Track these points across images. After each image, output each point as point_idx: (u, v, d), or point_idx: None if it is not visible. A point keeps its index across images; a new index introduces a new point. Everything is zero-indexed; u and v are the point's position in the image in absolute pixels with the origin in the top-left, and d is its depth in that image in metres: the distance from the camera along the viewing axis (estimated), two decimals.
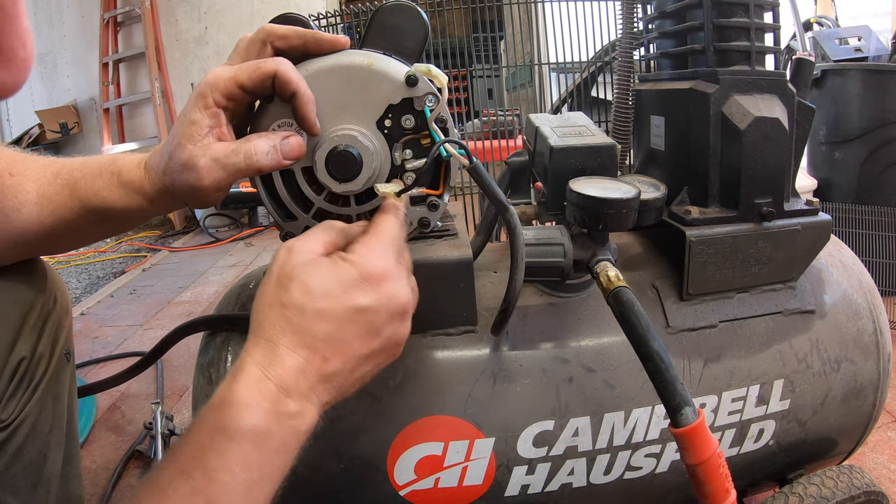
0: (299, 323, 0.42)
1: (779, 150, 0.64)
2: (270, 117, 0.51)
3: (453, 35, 2.22)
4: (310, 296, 0.43)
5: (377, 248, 0.46)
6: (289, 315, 0.42)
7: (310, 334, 0.42)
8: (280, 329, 0.42)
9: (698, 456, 0.46)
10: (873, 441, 1.09)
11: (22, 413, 0.62)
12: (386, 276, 0.45)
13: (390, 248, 0.46)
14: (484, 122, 2.14)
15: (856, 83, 1.71)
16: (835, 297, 0.71)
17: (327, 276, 0.43)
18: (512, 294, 0.50)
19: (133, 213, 0.54)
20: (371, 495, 0.62)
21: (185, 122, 0.48)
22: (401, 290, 0.45)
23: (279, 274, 0.44)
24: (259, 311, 0.44)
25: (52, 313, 0.66)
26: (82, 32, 3.91)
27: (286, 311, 0.43)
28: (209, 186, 0.48)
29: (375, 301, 0.44)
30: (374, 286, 0.44)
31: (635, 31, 0.92)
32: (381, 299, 0.44)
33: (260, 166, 0.48)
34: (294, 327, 0.42)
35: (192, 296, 2.28)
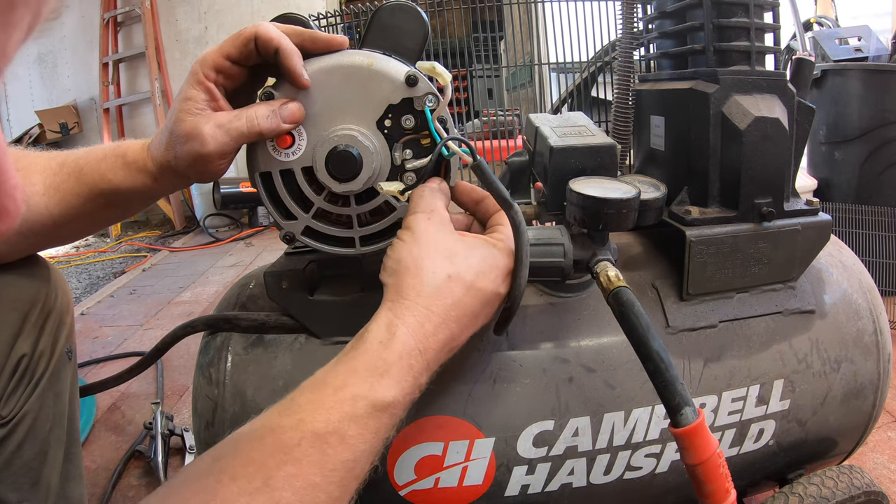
0: (461, 298, 0.44)
1: (779, 150, 0.64)
2: None
3: (453, 35, 2.22)
4: (476, 274, 0.45)
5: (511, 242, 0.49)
6: (454, 288, 0.44)
7: (465, 309, 0.45)
8: (445, 302, 0.44)
9: (698, 456, 0.46)
10: (873, 441, 1.09)
11: (22, 410, 0.62)
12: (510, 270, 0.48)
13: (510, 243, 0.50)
14: (484, 122, 2.14)
15: (856, 83, 1.71)
16: (835, 297, 0.71)
17: (489, 259, 0.46)
18: (516, 292, 0.50)
19: (138, 192, 0.55)
20: (371, 495, 0.62)
21: (181, 99, 0.50)
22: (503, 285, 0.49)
23: (438, 244, 0.46)
24: (416, 278, 0.45)
25: (53, 311, 0.67)
26: (82, 32, 3.91)
27: (452, 283, 0.44)
28: (213, 152, 0.49)
29: (505, 291, 0.48)
30: (507, 278, 0.48)
31: (635, 31, 0.92)
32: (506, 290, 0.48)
33: (261, 129, 0.49)
34: (456, 301, 0.44)
35: (192, 296, 2.28)
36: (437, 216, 0.48)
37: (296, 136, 0.52)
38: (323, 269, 0.63)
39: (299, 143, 0.52)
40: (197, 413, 0.64)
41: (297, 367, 0.63)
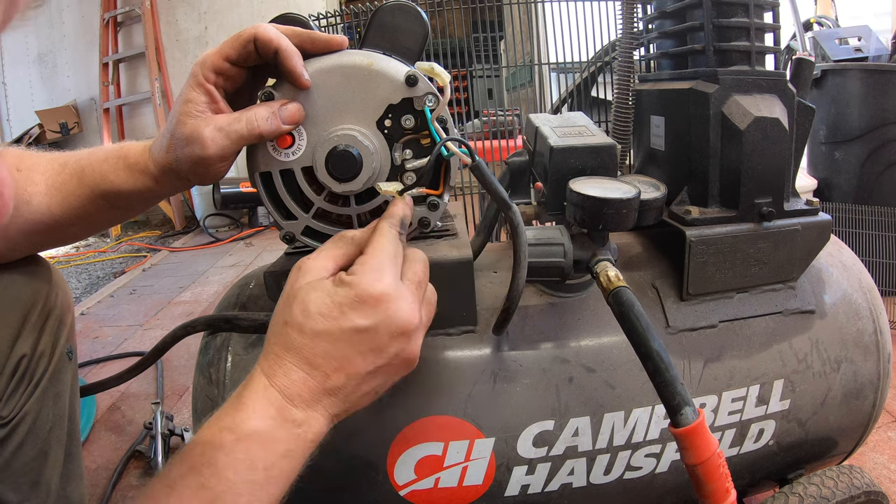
0: (300, 341, 0.44)
1: (779, 150, 0.64)
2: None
3: (453, 35, 2.22)
4: (308, 317, 0.44)
5: (374, 267, 0.46)
6: (290, 333, 0.44)
7: (310, 352, 0.44)
8: (284, 345, 0.44)
9: (698, 456, 0.46)
10: (873, 441, 1.09)
11: (22, 411, 0.62)
12: (384, 297, 0.44)
13: (388, 266, 0.46)
14: (484, 122, 2.14)
15: (856, 83, 1.71)
16: (835, 297, 0.71)
17: (324, 298, 0.44)
18: (514, 293, 0.50)
19: (140, 194, 0.55)
20: (371, 495, 0.62)
21: (182, 101, 0.50)
22: (401, 310, 0.45)
23: (287, 292, 0.47)
24: (270, 326, 0.47)
25: (53, 311, 0.67)
26: (82, 32, 3.91)
27: (288, 329, 0.44)
28: (214, 155, 0.49)
29: (374, 322, 0.44)
30: (372, 307, 0.44)
31: (635, 31, 0.92)
32: (380, 320, 0.44)
33: (261, 131, 0.49)
34: (296, 345, 0.44)
35: (192, 296, 2.28)
36: (307, 264, 0.48)
37: (296, 136, 0.52)
38: None
39: (299, 143, 0.52)
40: (197, 413, 0.64)
41: None
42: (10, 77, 4.07)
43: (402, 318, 0.45)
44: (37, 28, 4.01)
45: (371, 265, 0.46)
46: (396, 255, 0.48)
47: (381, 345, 0.45)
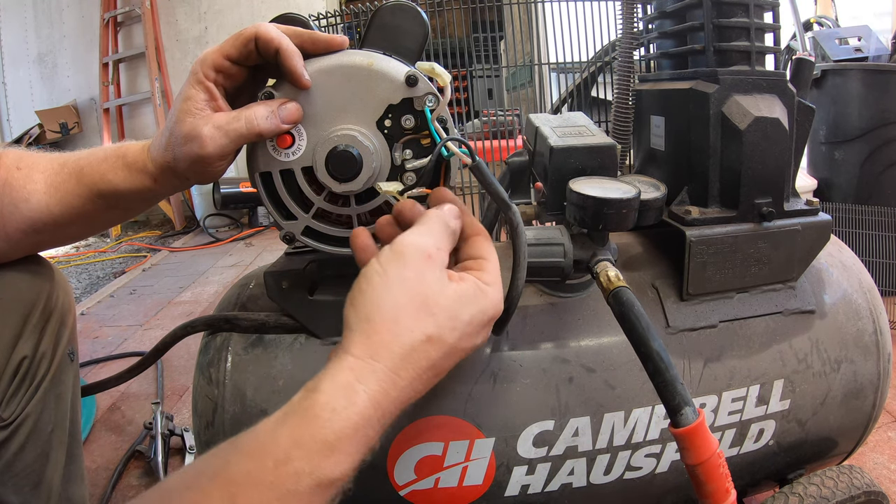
0: (437, 361, 0.39)
1: (779, 150, 0.64)
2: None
3: (453, 35, 2.22)
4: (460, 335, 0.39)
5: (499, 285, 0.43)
6: (432, 352, 0.39)
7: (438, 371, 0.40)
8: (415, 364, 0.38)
9: (698, 456, 0.46)
10: (873, 441, 1.08)
11: (23, 412, 0.62)
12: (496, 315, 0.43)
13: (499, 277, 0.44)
14: (484, 122, 2.14)
15: (856, 83, 1.71)
16: (835, 297, 0.71)
17: (476, 315, 0.40)
18: (514, 293, 0.50)
19: (138, 194, 0.55)
20: (371, 495, 0.62)
21: (181, 99, 0.49)
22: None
23: (424, 294, 0.39)
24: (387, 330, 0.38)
25: (54, 312, 0.67)
26: (82, 32, 3.91)
27: (431, 346, 0.39)
28: (213, 154, 0.49)
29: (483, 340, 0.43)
30: (488, 325, 0.43)
31: (635, 31, 0.92)
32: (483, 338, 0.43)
33: (260, 130, 0.49)
34: (431, 364, 0.39)
35: (192, 296, 2.28)
36: (438, 260, 0.41)
37: (296, 135, 0.52)
38: (323, 269, 0.63)
39: (299, 143, 0.52)
40: (197, 413, 0.65)
41: (297, 367, 0.63)
42: (10, 77, 4.07)
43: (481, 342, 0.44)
44: (37, 28, 4.01)
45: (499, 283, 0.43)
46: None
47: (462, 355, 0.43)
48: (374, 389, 0.37)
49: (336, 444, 0.36)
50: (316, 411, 0.36)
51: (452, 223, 0.44)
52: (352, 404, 0.36)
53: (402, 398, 0.38)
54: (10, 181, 0.56)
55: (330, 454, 0.35)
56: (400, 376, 0.38)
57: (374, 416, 0.37)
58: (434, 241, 0.42)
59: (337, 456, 0.35)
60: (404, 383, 0.38)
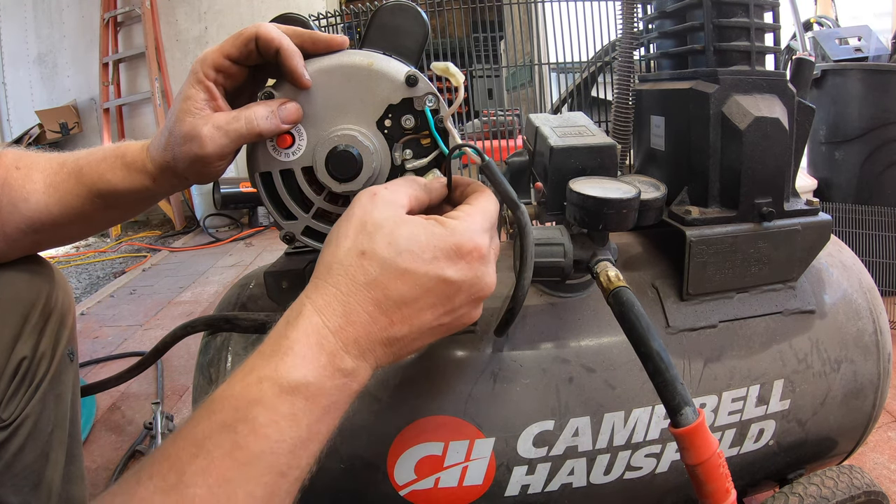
0: (376, 277, 0.39)
1: (779, 150, 0.64)
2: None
3: (453, 35, 2.22)
4: (397, 251, 0.39)
5: (478, 221, 0.42)
6: (367, 266, 0.39)
7: (384, 292, 0.39)
8: (353, 279, 0.39)
9: (698, 456, 0.46)
10: (873, 441, 1.08)
11: (23, 413, 0.62)
12: (480, 253, 0.41)
13: (488, 224, 0.43)
14: (484, 122, 2.14)
15: (856, 83, 1.71)
16: (835, 297, 0.71)
17: (420, 236, 0.40)
18: (520, 293, 0.50)
19: (137, 193, 0.55)
20: (371, 495, 0.62)
21: (181, 98, 0.49)
22: (488, 274, 0.43)
23: (363, 219, 0.41)
24: (331, 254, 0.41)
25: (53, 312, 0.67)
26: (82, 32, 3.91)
27: (365, 260, 0.39)
28: (212, 154, 0.49)
29: (463, 277, 0.41)
30: (466, 261, 0.41)
31: (635, 31, 0.92)
32: (469, 277, 0.41)
33: (260, 130, 0.49)
34: (370, 281, 0.39)
35: (192, 296, 2.28)
36: (382, 193, 0.43)
37: (296, 135, 0.52)
38: None
39: (299, 143, 0.52)
40: None
41: None
42: (10, 77, 4.07)
43: (486, 282, 0.42)
44: (37, 28, 4.01)
45: (474, 218, 0.42)
46: (495, 219, 0.45)
47: (457, 304, 0.42)
48: (317, 299, 0.39)
49: (289, 346, 0.38)
50: (274, 328, 0.39)
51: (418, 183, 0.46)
52: (298, 314, 0.39)
53: (352, 315, 0.39)
54: (8, 181, 0.56)
55: (284, 356, 0.37)
56: (339, 289, 0.39)
57: (321, 323, 0.39)
58: (387, 187, 0.44)
59: (291, 358, 0.37)
60: (345, 297, 0.39)
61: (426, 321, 0.41)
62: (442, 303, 0.41)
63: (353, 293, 0.39)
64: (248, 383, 0.37)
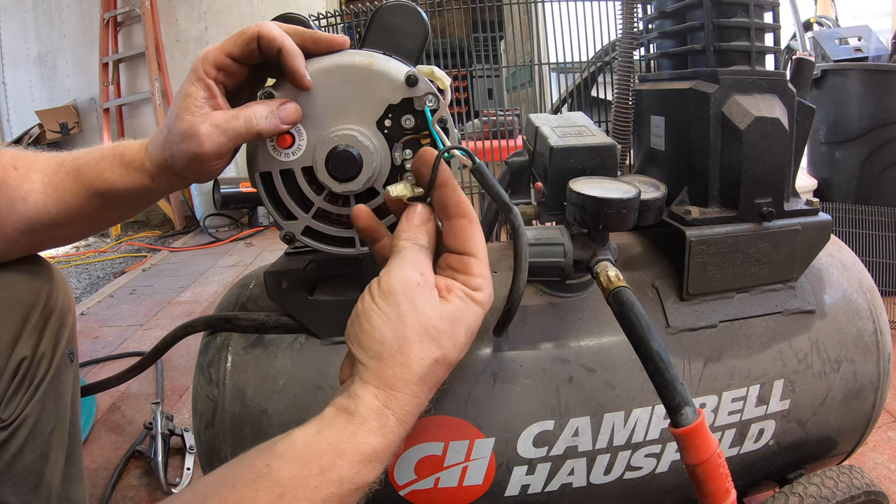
0: (444, 375, 0.44)
1: (779, 150, 0.64)
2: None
3: (453, 35, 2.22)
4: (460, 349, 0.44)
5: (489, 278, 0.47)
6: (440, 371, 0.43)
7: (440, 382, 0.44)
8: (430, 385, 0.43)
9: (698, 456, 0.46)
10: (873, 441, 1.09)
11: (23, 413, 0.62)
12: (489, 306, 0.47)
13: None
14: (484, 122, 2.14)
15: (856, 83, 1.71)
16: (835, 297, 0.71)
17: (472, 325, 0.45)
18: (515, 295, 0.50)
19: (136, 192, 0.55)
20: (371, 495, 0.62)
21: (181, 96, 0.49)
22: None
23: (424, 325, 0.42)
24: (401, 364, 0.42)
25: (53, 312, 0.66)
26: (82, 32, 3.91)
27: (438, 367, 0.43)
28: (210, 152, 0.49)
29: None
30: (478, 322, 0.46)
31: (635, 31, 0.92)
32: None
33: (259, 129, 0.48)
34: (440, 379, 0.44)
35: (192, 296, 2.28)
36: (426, 284, 0.44)
37: (296, 135, 0.51)
38: (323, 269, 0.63)
39: (299, 143, 0.52)
40: (197, 413, 0.64)
41: (297, 367, 0.63)
42: (10, 77, 4.07)
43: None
44: (37, 28, 4.01)
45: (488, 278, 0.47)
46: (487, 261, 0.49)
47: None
48: (401, 413, 0.42)
49: (374, 456, 0.41)
50: (354, 429, 0.41)
51: (422, 237, 0.46)
52: (384, 426, 0.41)
53: (419, 411, 0.44)
54: (6, 180, 0.55)
55: (368, 464, 0.41)
56: (419, 397, 0.43)
57: (401, 431, 0.43)
58: (414, 268, 0.44)
59: (374, 465, 0.41)
60: (421, 401, 0.43)
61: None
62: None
63: (428, 394, 0.43)
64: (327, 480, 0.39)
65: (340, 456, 0.40)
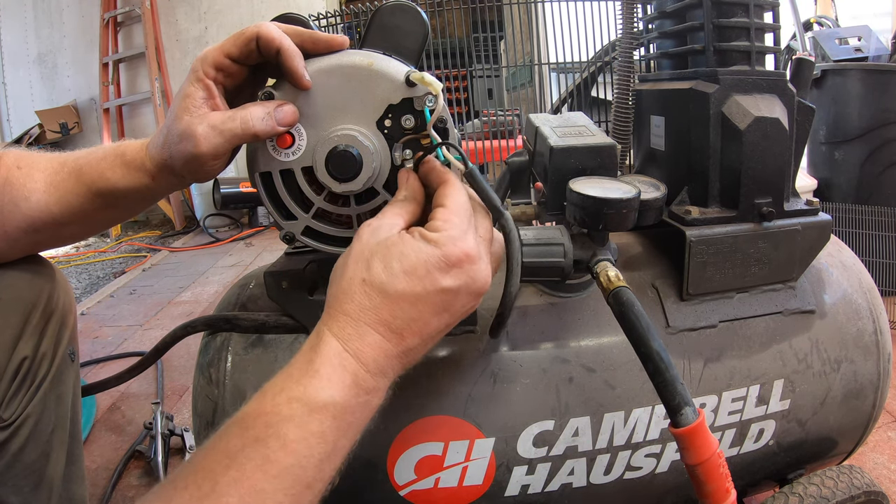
0: (380, 302, 0.42)
1: (779, 150, 0.64)
2: None
3: (453, 35, 2.22)
4: (392, 275, 0.42)
5: (457, 224, 0.44)
6: (370, 292, 0.42)
7: (390, 313, 0.42)
8: (360, 305, 0.42)
9: (698, 456, 0.46)
10: (873, 441, 1.09)
11: (24, 413, 0.62)
12: (469, 257, 0.44)
13: (467, 223, 0.45)
14: (484, 122, 2.14)
15: (856, 83, 1.71)
16: (835, 297, 0.71)
17: (411, 255, 0.43)
18: (508, 299, 0.50)
19: (137, 192, 0.55)
20: (371, 495, 0.62)
21: (180, 96, 0.49)
22: (481, 272, 0.45)
23: (359, 250, 0.44)
24: (337, 285, 0.44)
25: (55, 312, 0.67)
26: (82, 32, 3.91)
27: (367, 287, 0.43)
28: (207, 153, 0.49)
29: (458, 283, 0.43)
30: (458, 268, 0.43)
31: (635, 31, 0.92)
32: (464, 281, 0.44)
33: (256, 131, 0.49)
34: (375, 305, 0.42)
35: (192, 296, 2.28)
36: (375, 223, 0.46)
37: (296, 135, 0.52)
38: (323, 269, 0.63)
39: (299, 143, 0.52)
40: (197, 413, 0.65)
41: None
42: (10, 77, 4.07)
43: (481, 279, 0.45)
44: (37, 28, 4.01)
45: (454, 223, 0.44)
46: (469, 209, 0.47)
47: (458, 306, 0.44)
48: (333, 326, 0.43)
49: (315, 370, 0.41)
50: (299, 352, 0.43)
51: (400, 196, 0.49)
52: (320, 339, 0.42)
53: (365, 338, 0.42)
54: (10, 180, 0.56)
55: (312, 378, 0.40)
56: (349, 315, 0.43)
57: (340, 347, 0.42)
58: (381, 215, 0.47)
59: (318, 380, 0.40)
60: (355, 322, 0.42)
61: (433, 328, 0.44)
62: (445, 309, 0.44)
63: (362, 317, 0.42)
64: (278, 402, 0.40)
65: (287, 378, 0.41)
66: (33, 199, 0.56)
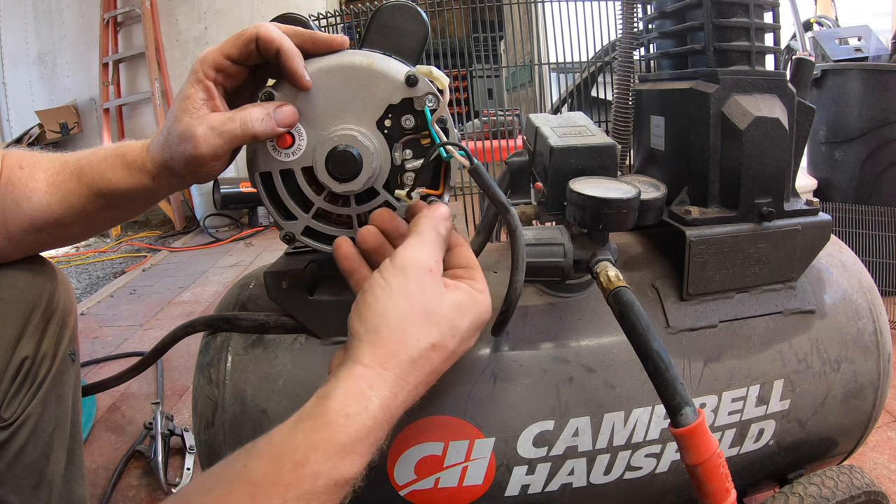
0: (439, 365, 0.43)
1: (779, 150, 0.64)
2: None
3: (453, 35, 2.22)
4: (461, 340, 0.44)
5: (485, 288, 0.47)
6: (435, 358, 0.42)
7: (433, 372, 0.43)
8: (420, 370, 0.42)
9: (698, 456, 0.46)
10: (873, 441, 1.08)
11: (24, 412, 0.63)
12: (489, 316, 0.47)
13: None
14: (484, 122, 2.14)
15: (856, 83, 1.71)
16: (835, 297, 0.71)
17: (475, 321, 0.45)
18: (513, 295, 0.50)
19: (137, 193, 0.55)
20: (371, 495, 0.62)
21: (180, 98, 0.50)
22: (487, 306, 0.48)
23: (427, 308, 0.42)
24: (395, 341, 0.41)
25: (55, 312, 0.67)
26: (82, 32, 3.91)
27: (434, 352, 0.42)
28: (206, 154, 0.49)
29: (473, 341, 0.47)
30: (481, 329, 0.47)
31: (635, 31, 0.92)
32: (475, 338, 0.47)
33: (255, 132, 0.48)
34: (433, 369, 0.43)
35: (192, 296, 2.28)
36: (437, 272, 0.44)
37: (296, 136, 0.52)
38: (323, 269, 0.63)
39: (299, 143, 0.52)
40: (197, 413, 0.65)
41: (297, 367, 0.63)
42: (10, 77, 4.07)
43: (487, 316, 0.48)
44: (37, 28, 4.01)
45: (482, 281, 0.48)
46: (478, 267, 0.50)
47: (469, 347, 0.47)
48: (385, 395, 0.40)
49: (351, 446, 0.38)
50: (330, 417, 0.38)
51: (443, 230, 0.48)
52: (364, 410, 0.39)
53: (408, 401, 0.42)
54: (12, 180, 0.56)
55: (345, 456, 0.38)
56: (407, 381, 0.41)
57: (383, 419, 0.40)
58: (431, 253, 0.45)
59: (352, 457, 0.38)
60: (410, 387, 0.41)
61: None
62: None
63: (418, 383, 0.42)
64: (301, 476, 0.37)
65: (314, 449, 0.37)
66: (35, 199, 0.56)
